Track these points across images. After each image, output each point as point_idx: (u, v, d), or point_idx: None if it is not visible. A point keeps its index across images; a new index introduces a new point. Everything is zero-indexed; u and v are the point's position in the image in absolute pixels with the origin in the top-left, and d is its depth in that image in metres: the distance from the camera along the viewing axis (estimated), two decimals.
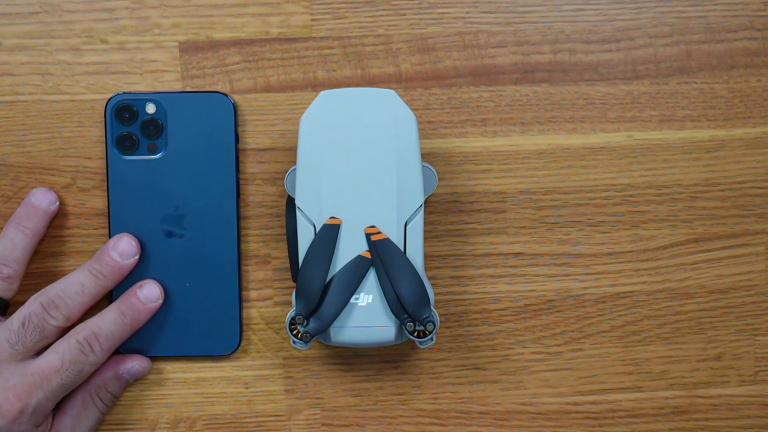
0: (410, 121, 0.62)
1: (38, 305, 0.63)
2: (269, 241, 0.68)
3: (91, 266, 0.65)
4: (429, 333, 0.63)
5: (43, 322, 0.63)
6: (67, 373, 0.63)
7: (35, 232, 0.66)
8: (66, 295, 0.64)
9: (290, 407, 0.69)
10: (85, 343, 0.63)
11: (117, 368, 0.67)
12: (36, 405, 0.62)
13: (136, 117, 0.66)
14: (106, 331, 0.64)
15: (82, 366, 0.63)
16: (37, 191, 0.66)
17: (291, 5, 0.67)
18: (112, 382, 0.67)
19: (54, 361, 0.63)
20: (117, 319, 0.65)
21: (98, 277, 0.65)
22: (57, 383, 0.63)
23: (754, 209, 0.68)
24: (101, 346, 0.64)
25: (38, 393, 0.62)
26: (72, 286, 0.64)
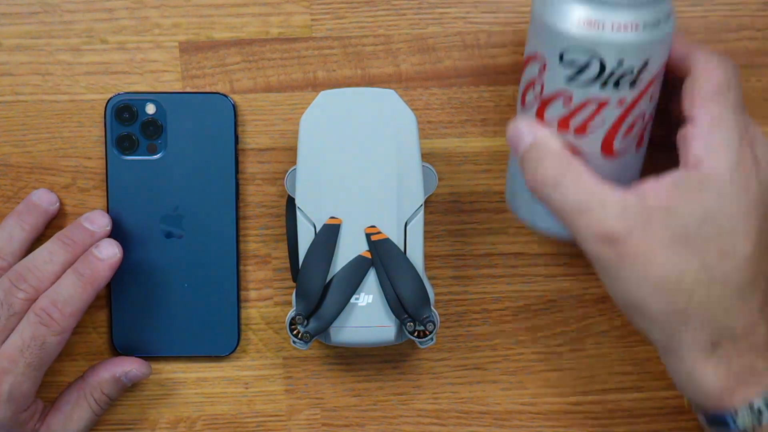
0: (410, 121, 0.62)
1: (6, 282, 0.62)
2: (269, 241, 0.68)
3: (60, 235, 0.64)
4: (429, 333, 0.63)
5: (11, 297, 0.61)
6: (30, 350, 0.61)
7: (33, 227, 0.65)
8: (34, 266, 0.62)
9: (290, 407, 0.69)
10: (42, 314, 0.61)
11: (115, 370, 0.66)
12: (9, 391, 0.61)
13: (136, 117, 0.66)
14: (64, 296, 0.62)
15: (44, 339, 0.61)
16: (39, 191, 0.66)
17: (291, 5, 0.67)
18: (109, 383, 0.66)
19: (16, 341, 0.61)
20: (74, 281, 0.62)
21: (67, 243, 0.63)
22: (23, 364, 0.61)
23: None
24: (62, 313, 0.61)
25: (8, 378, 0.61)
26: (40, 255, 0.63)
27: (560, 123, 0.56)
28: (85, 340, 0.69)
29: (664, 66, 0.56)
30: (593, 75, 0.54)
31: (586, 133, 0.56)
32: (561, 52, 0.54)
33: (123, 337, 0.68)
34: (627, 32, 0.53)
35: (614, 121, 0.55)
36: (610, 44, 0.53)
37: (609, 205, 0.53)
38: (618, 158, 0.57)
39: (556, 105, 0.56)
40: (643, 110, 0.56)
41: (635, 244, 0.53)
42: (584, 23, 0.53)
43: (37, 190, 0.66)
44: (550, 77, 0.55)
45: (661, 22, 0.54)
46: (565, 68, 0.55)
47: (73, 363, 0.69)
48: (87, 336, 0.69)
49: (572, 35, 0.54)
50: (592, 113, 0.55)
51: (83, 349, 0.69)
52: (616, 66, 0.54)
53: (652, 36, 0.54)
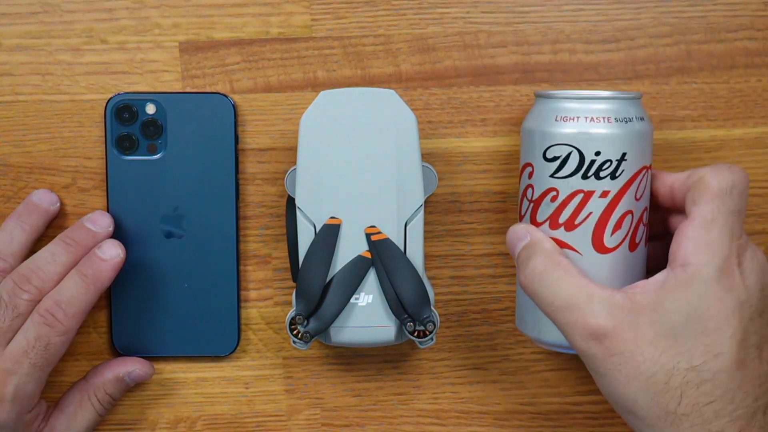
0: (410, 121, 0.62)
1: (10, 283, 0.62)
2: (269, 241, 0.68)
3: (62, 236, 0.64)
4: (429, 333, 0.63)
5: (16, 298, 0.62)
6: (35, 351, 0.61)
7: (34, 228, 0.65)
8: (37, 267, 0.63)
9: (290, 407, 0.69)
10: (47, 314, 0.61)
11: (118, 371, 0.66)
12: (14, 392, 0.61)
13: (136, 117, 0.66)
14: (67, 296, 0.62)
15: (49, 339, 0.61)
16: (39, 191, 0.66)
17: (291, 5, 0.67)
18: (112, 384, 0.66)
19: (21, 342, 0.61)
20: (78, 281, 0.62)
21: (70, 244, 0.64)
22: (28, 365, 0.61)
23: (754, 209, 0.68)
24: (65, 314, 0.62)
25: (13, 379, 0.61)
26: (43, 256, 0.63)
27: (551, 221, 0.59)
28: (85, 340, 0.69)
29: (646, 170, 0.59)
30: (574, 167, 0.59)
31: (576, 228, 0.59)
32: (544, 151, 0.59)
33: (123, 337, 0.68)
34: (600, 123, 0.58)
35: (601, 214, 0.59)
36: (585, 135, 0.58)
37: (596, 301, 0.55)
38: (612, 255, 0.59)
39: (545, 203, 0.60)
40: (631, 207, 0.59)
41: (623, 341, 0.54)
42: (561, 119, 0.59)
43: (38, 190, 0.66)
44: (537, 178, 0.60)
45: (633, 120, 0.59)
46: (548, 165, 0.59)
47: (73, 363, 0.69)
48: (87, 336, 0.69)
49: (551, 132, 0.59)
50: (578, 206, 0.59)
51: (84, 349, 0.69)
52: (594, 156, 0.58)
53: (626, 130, 0.58)
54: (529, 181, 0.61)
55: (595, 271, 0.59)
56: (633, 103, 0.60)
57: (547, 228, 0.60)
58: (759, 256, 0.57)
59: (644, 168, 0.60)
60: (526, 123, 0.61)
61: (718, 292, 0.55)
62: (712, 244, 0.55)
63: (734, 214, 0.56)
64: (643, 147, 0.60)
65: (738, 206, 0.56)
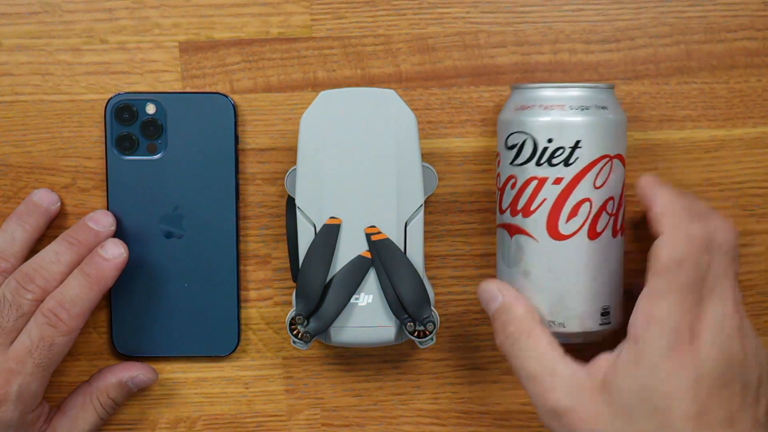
0: (410, 121, 0.62)
1: (13, 282, 0.62)
2: (269, 241, 0.68)
3: (65, 235, 0.64)
4: (429, 333, 0.63)
5: (20, 298, 0.62)
6: (39, 351, 0.61)
7: (35, 228, 0.65)
8: (41, 266, 0.63)
9: (290, 407, 0.69)
10: (50, 314, 0.61)
11: (121, 375, 0.66)
12: (18, 391, 0.61)
13: (136, 117, 0.66)
14: (71, 296, 0.62)
15: (53, 339, 0.61)
16: (40, 191, 0.66)
17: (291, 5, 0.67)
18: (115, 388, 0.66)
19: (25, 342, 0.61)
20: (81, 281, 0.63)
21: (73, 243, 0.64)
22: (32, 364, 0.61)
23: (754, 209, 0.68)
24: (69, 313, 0.62)
25: (17, 379, 0.61)
26: (46, 255, 0.63)
27: (511, 208, 0.61)
28: (85, 340, 0.69)
29: (610, 159, 0.60)
30: (528, 154, 0.60)
31: (532, 214, 0.60)
32: (506, 139, 0.62)
33: (123, 337, 0.68)
34: (552, 111, 0.59)
35: (555, 200, 0.60)
36: (538, 123, 0.60)
37: (558, 378, 0.56)
38: (569, 243, 0.60)
39: (507, 191, 0.62)
40: (589, 195, 0.60)
41: (580, 419, 0.55)
42: (520, 108, 0.61)
43: (38, 190, 0.66)
44: (502, 166, 0.62)
45: (591, 108, 0.59)
46: (509, 153, 0.61)
47: (73, 363, 0.69)
48: (88, 336, 0.69)
49: (510, 120, 0.61)
50: (533, 192, 0.60)
51: (84, 349, 0.69)
52: (546, 143, 0.59)
53: (581, 117, 0.59)
54: (498, 169, 0.63)
55: (552, 257, 0.60)
56: (593, 91, 0.60)
57: (508, 215, 0.61)
58: (726, 326, 0.55)
59: (606, 157, 0.60)
60: (499, 115, 0.63)
61: (669, 368, 0.54)
62: (662, 320, 0.55)
63: (687, 287, 0.55)
64: (603, 135, 0.60)
65: (691, 278, 0.55)
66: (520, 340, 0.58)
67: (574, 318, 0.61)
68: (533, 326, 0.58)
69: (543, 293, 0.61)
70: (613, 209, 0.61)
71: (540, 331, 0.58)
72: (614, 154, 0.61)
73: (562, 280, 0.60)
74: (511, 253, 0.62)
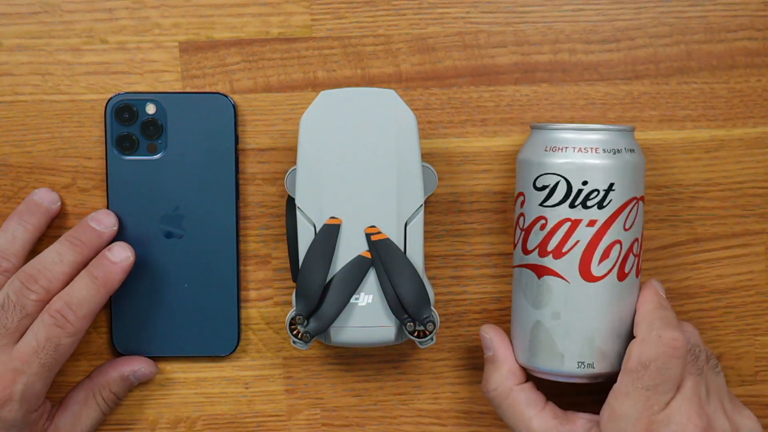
0: (410, 121, 0.62)
1: (17, 283, 0.62)
2: (269, 241, 0.68)
3: (68, 235, 0.65)
4: (429, 333, 0.63)
5: (23, 298, 0.62)
6: (45, 351, 0.61)
7: (36, 227, 0.65)
8: (44, 267, 0.63)
9: (290, 407, 0.69)
10: (57, 315, 0.62)
11: (123, 369, 0.67)
12: (23, 391, 0.61)
13: (136, 117, 0.66)
14: (78, 297, 0.62)
15: (59, 340, 0.62)
16: (40, 190, 0.66)
17: (291, 5, 0.67)
18: (117, 382, 0.67)
19: (31, 342, 0.61)
20: (88, 283, 0.63)
21: (75, 244, 0.64)
22: (37, 364, 0.61)
23: (754, 209, 0.68)
24: (76, 315, 0.62)
25: (22, 378, 0.61)
26: (49, 256, 0.63)
27: (540, 249, 0.61)
28: (85, 340, 0.69)
29: (637, 200, 0.61)
30: (562, 196, 0.60)
31: (563, 255, 0.60)
32: (534, 180, 0.61)
33: (123, 337, 0.68)
34: (587, 153, 0.59)
35: (588, 242, 0.60)
36: (573, 165, 0.60)
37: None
38: (599, 284, 0.60)
39: (535, 232, 0.61)
40: (619, 237, 0.60)
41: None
42: (551, 149, 0.61)
43: (39, 189, 0.66)
44: (528, 207, 0.62)
45: (622, 151, 0.60)
46: (538, 194, 0.61)
47: (73, 363, 0.69)
48: (87, 336, 0.69)
49: (541, 162, 0.61)
50: (565, 234, 0.60)
51: (84, 349, 0.69)
52: (581, 186, 0.59)
53: (614, 160, 0.59)
54: (521, 209, 0.62)
55: (583, 299, 0.60)
56: (623, 135, 0.60)
57: (536, 256, 0.61)
58: (688, 428, 0.58)
59: (634, 199, 0.61)
60: (520, 154, 0.63)
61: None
62: (620, 418, 0.59)
63: (650, 390, 0.58)
64: (633, 178, 0.61)
65: (655, 380, 0.59)
66: (499, 399, 0.63)
67: (603, 359, 0.61)
68: (512, 387, 0.63)
69: (573, 334, 0.61)
70: (637, 250, 0.62)
71: (518, 392, 0.63)
72: (640, 196, 0.61)
73: (593, 321, 0.61)
74: (538, 294, 0.62)
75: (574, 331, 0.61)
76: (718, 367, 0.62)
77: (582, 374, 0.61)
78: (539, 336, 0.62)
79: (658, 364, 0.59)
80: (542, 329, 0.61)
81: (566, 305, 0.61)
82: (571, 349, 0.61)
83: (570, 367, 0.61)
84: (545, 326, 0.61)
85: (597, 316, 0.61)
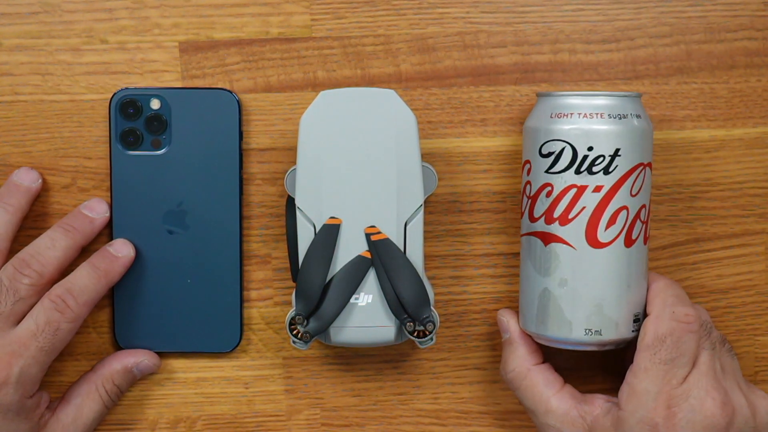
0: (410, 121, 0.62)
1: (10, 268, 0.63)
2: (269, 241, 0.68)
3: (61, 223, 0.65)
4: (429, 333, 0.63)
5: (16, 283, 0.62)
6: (44, 335, 0.62)
7: (17, 208, 0.65)
8: (37, 252, 0.63)
9: (290, 407, 0.69)
10: (58, 300, 0.62)
11: (126, 361, 0.67)
12: (19, 374, 0.61)
13: (141, 112, 0.66)
14: (79, 285, 0.63)
15: (58, 325, 0.62)
16: (20, 170, 0.66)
17: (291, 5, 0.67)
18: (120, 375, 0.67)
19: (30, 326, 0.62)
20: (90, 272, 0.64)
21: (68, 230, 0.65)
22: (35, 348, 0.62)
23: (754, 209, 0.68)
24: (76, 301, 0.63)
25: (18, 361, 0.61)
26: (42, 242, 0.64)
27: (546, 216, 0.61)
28: (84, 340, 0.69)
29: (644, 167, 0.61)
30: (567, 162, 0.60)
31: (570, 222, 0.60)
32: (540, 147, 0.61)
33: (126, 333, 0.68)
34: (593, 119, 0.59)
35: (594, 208, 0.60)
36: (578, 131, 0.60)
37: (552, 414, 0.62)
38: (606, 251, 0.60)
39: (541, 199, 0.61)
40: (626, 203, 0.60)
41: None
42: (556, 116, 0.61)
43: (18, 169, 0.66)
44: (534, 174, 0.62)
45: (628, 116, 0.60)
46: (544, 161, 0.61)
47: (73, 362, 0.69)
48: (87, 335, 0.69)
49: (546, 128, 0.61)
50: (571, 200, 0.60)
51: (83, 348, 0.69)
52: (586, 152, 0.59)
53: (620, 126, 0.59)
54: (527, 177, 0.62)
55: (589, 266, 0.60)
56: (629, 100, 0.60)
57: (542, 223, 0.61)
58: (705, 408, 0.59)
59: (641, 165, 0.60)
60: (527, 122, 0.63)
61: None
62: (640, 394, 0.60)
63: (668, 364, 0.59)
64: (640, 144, 0.60)
65: (671, 355, 0.59)
66: (517, 380, 0.64)
67: (611, 326, 0.61)
68: (530, 368, 0.64)
69: (580, 301, 0.61)
70: (645, 217, 0.61)
71: (536, 373, 0.63)
72: (647, 162, 0.61)
73: (600, 288, 0.61)
74: (545, 262, 0.62)
75: (581, 298, 0.61)
76: (733, 351, 0.63)
77: (590, 341, 0.61)
78: (547, 304, 0.62)
79: (674, 338, 0.59)
80: (550, 297, 0.61)
81: (573, 272, 0.61)
82: (578, 317, 0.61)
83: (578, 335, 0.61)
84: (553, 294, 0.61)
85: (604, 283, 0.61)
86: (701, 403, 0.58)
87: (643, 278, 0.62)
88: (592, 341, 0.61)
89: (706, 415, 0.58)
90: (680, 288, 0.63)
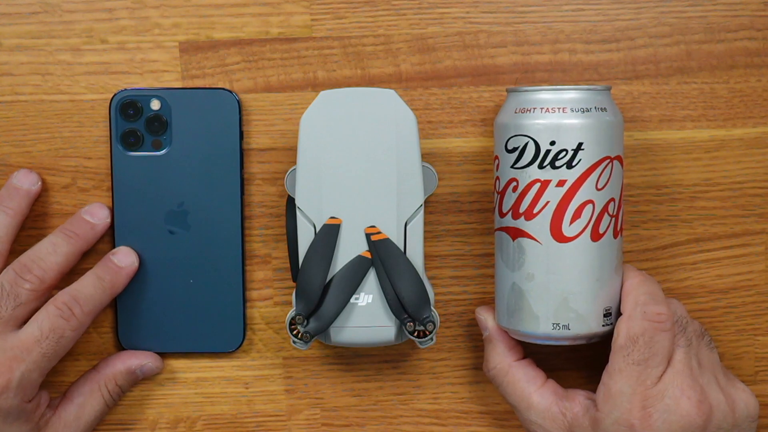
0: (410, 121, 0.62)
1: (11, 272, 0.63)
2: (269, 241, 0.68)
3: (62, 228, 0.65)
4: (429, 333, 0.63)
5: (17, 287, 0.63)
6: (48, 341, 0.62)
7: (17, 211, 0.65)
8: (38, 257, 0.64)
9: (290, 407, 0.69)
10: (64, 307, 0.63)
11: (130, 363, 0.67)
12: (20, 378, 0.61)
13: (141, 113, 0.66)
14: (85, 294, 0.64)
15: (63, 332, 0.62)
16: (19, 173, 0.66)
17: (291, 5, 0.67)
18: (123, 375, 0.67)
19: (33, 332, 0.62)
20: (95, 282, 0.64)
21: (70, 236, 0.65)
22: (38, 353, 0.62)
23: (754, 209, 0.68)
24: (82, 309, 0.63)
25: (20, 366, 0.61)
26: (43, 247, 0.64)
27: (513, 211, 0.61)
28: (85, 340, 0.69)
29: (611, 160, 0.60)
30: (531, 157, 0.60)
31: (534, 217, 0.61)
32: (505, 143, 0.62)
33: (129, 334, 0.68)
34: (554, 113, 0.59)
35: (558, 203, 0.60)
36: (539, 126, 0.60)
37: (534, 411, 0.63)
38: (572, 245, 0.60)
39: (508, 194, 0.62)
40: (591, 197, 0.60)
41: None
42: (520, 111, 0.61)
43: (17, 171, 0.66)
44: (502, 170, 0.62)
45: (593, 110, 0.60)
46: (509, 156, 0.61)
47: (73, 363, 0.69)
48: (87, 335, 0.69)
49: (510, 124, 0.61)
50: (536, 195, 0.60)
51: (84, 349, 0.69)
52: (549, 146, 0.59)
53: (583, 120, 0.59)
54: (497, 173, 0.63)
55: (555, 260, 0.60)
56: (593, 94, 0.60)
57: (509, 218, 0.62)
58: (681, 408, 0.59)
59: (607, 158, 0.60)
60: (496, 118, 0.63)
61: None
62: (615, 396, 0.60)
63: (640, 365, 0.59)
64: (605, 137, 0.60)
65: (645, 355, 0.59)
66: (499, 377, 0.64)
67: (579, 320, 0.61)
68: (511, 364, 0.64)
69: (547, 296, 0.61)
70: (614, 210, 0.61)
71: (517, 369, 0.64)
72: (614, 156, 0.61)
73: (567, 282, 0.61)
74: (514, 256, 0.62)
75: (547, 292, 0.61)
76: (712, 344, 0.63)
77: (558, 336, 0.61)
78: (516, 298, 0.62)
79: (646, 338, 0.59)
80: (518, 291, 0.62)
81: (539, 267, 0.61)
82: (545, 311, 0.61)
83: (546, 329, 0.61)
84: (521, 288, 0.62)
85: (570, 277, 0.61)
86: (676, 403, 0.59)
87: (615, 272, 0.62)
88: (561, 336, 0.61)
89: (681, 415, 0.59)
90: (654, 283, 0.63)
